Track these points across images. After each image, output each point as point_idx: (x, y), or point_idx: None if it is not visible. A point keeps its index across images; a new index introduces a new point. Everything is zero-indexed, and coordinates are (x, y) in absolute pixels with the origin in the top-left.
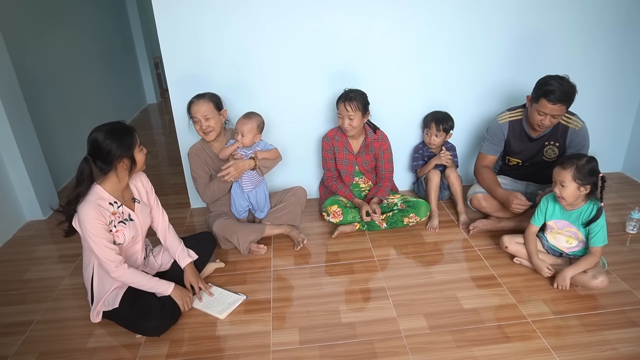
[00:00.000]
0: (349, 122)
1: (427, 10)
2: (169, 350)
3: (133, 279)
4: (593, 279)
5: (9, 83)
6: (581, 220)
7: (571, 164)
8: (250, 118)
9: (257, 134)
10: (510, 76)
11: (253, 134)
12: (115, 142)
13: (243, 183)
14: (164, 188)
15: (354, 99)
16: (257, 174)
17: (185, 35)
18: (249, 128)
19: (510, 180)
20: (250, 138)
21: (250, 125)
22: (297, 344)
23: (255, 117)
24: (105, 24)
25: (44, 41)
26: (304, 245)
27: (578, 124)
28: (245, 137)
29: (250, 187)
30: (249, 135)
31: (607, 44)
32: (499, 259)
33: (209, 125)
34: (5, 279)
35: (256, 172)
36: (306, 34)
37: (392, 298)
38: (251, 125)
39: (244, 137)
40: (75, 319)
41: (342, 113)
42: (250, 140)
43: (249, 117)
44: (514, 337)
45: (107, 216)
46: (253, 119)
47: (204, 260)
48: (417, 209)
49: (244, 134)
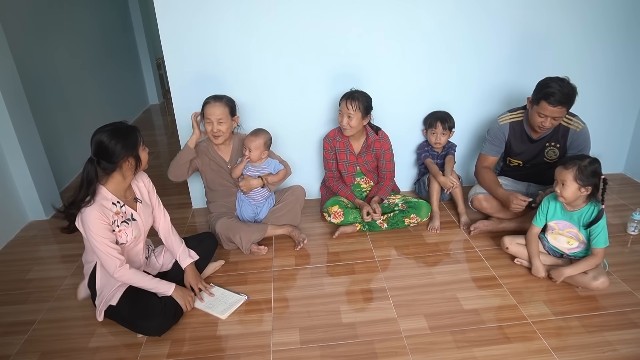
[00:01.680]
0: (347, 120)
1: (429, 12)
2: (170, 350)
3: (134, 280)
4: (594, 280)
5: (12, 83)
6: (582, 221)
7: (574, 164)
8: (258, 135)
9: (264, 151)
10: (512, 77)
11: (260, 150)
12: (121, 142)
13: (252, 196)
14: (165, 188)
15: (357, 99)
16: (266, 190)
17: (187, 36)
18: (256, 145)
19: (511, 181)
20: (257, 154)
21: (257, 142)
22: (298, 344)
23: (263, 135)
24: (108, 25)
25: (47, 42)
26: (304, 245)
27: (579, 125)
28: (252, 153)
29: (258, 201)
30: (256, 152)
31: (608, 45)
32: (499, 260)
33: (220, 129)
34: (8, 278)
35: (265, 190)
36: (309, 35)
37: (393, 298)
38: (258, 143)
39: (252, 153)
40: (77, 319)
41: (343, 110)
42: (258, 156)
43: (257, 134)
44: (515, 338)
45: (110, 216)
46: (260, 136)
47: (205, 261)
48: (418, 209)
49: (252, 150)
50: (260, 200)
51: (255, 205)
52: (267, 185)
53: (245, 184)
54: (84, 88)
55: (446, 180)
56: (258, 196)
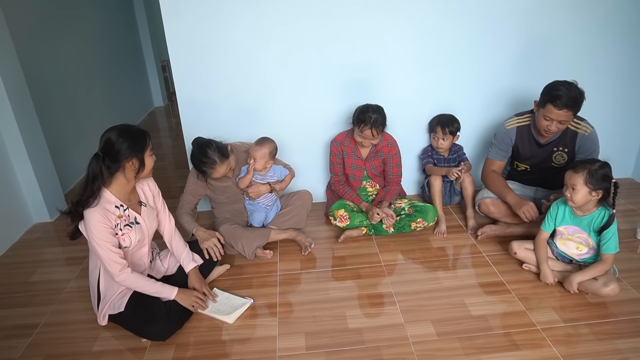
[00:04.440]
0: (370, 142)
1: (435, 15)
2: (175, 355)
3: (137, 284)
4: (604, 287)
5: (18, 85)
6: (592, 226)
7: (583, 168)
8: (263, 144)
9: (269, 160)
10: (519, 81)
11: (265, 160)
12: (128, 142)
13: (261, 201)
14: (170, 191)
15: (380, 123)
16: (274, 195)
17: (192, 39)
18: (261, 154)
19: (519, 186)
20: (262, 164)
21: (262, 151)
22: (304, 350)
23: (268, 144)
24: (114, 28)
25: (53, 45)
26: (311, 250)
27: (587, 129)
28: (257, 163)
29: (267, 205)
30: (261, 161)
31: (616, 48)
32: (507, 265)
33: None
34: (12, 281)
35: (273, 194)
36: (314, 39)
37: (400, 304)
38: (263, 152)
39: (257, 163)
40: (81, 322)
41: (367, 136)
42: (263, 165)
43: (262, 143)
44: (523, 345)
45: (113, 220)
46: (265, 145)
47: (209, 265)
48: (424, 213)
49: (257, 160)
50: (269, 204)
51: (264, 207)
52: (275, 190)
53: (254, 190)
54: (89, 90)
55: (449, 169)
56: (267, 201)
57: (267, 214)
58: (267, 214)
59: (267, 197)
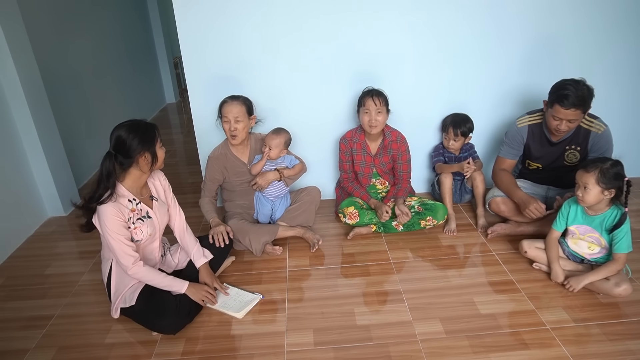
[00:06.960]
0: (376, 116)
1: (445, 13)
2: (185, 348)
3: (148, 277)
4: (616, 287)
5: (34, 82)
6: (604, 226)
7: (595, 167)
8: (279, 134)
9: (283, 149)
10: (530, 79)
11: (280, 148)
12: (138, 137)
13: (269, 191)
14: (181, 187)
15: (382, 94)
16: (282, 185)
17: (204, 36)
18: (277, 143)
19: (530, 184)
20: (277, 152)
21: (278, 140)
22: (312, 345)
23: (284, 134)
24: (127, 25)
25: (68, 42)
26: (319, 247)
27: (600, 127)
28: (272, 151)
29: (275, 197)
30: (276, 150)
31: (625, 46)
32: (517, 264)
33: (237, 127)
34: (28, 273)
35: (282, 183)
36: (324, 36)
37: (408, 301)
38: (279, 141)
39: (272, 151)
40: (94, 315)
41: (370, 107)
42: (277, 154)
43: (278, 132)
44: (533, 345)
45: (126, 213)
46: (282, 135)
47: (219, 260)
48: (434, 211)
49: (272, 148)
50: (277, 195)
51: (272, 201)
52: (284, 178)
53: (262, 176)
54: (103, 87)
55: (461, 164)
56: (275, 190)
57: (275, 208)
58: (273, 208)
59: (275, 186)
